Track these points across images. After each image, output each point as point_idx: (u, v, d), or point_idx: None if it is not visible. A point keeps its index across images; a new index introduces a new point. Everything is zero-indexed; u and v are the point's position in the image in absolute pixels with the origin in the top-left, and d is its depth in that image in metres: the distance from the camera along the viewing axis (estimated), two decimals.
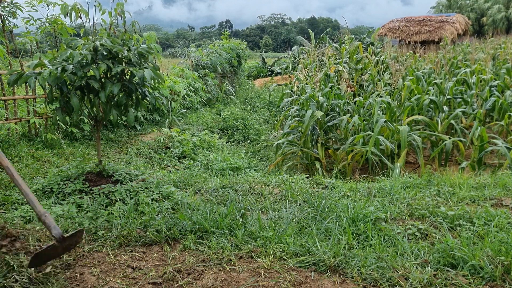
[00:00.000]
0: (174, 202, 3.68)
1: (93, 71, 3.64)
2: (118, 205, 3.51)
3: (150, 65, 4.16)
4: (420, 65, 11.76)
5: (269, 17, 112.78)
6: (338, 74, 10.37)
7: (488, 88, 8.25)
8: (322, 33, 23.12)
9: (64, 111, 3.90)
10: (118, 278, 2.49)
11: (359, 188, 4.17)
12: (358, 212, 3.25)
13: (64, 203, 3.60)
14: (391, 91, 8.48)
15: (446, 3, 48.22)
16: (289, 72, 17.97)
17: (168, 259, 2.71)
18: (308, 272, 2.55)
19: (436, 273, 2.46)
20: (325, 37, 17.37)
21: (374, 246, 2.79)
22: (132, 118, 4.10)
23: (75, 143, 6.66)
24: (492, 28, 39.47)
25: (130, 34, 4.27)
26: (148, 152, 7.20)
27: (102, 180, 4.08)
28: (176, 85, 10.44)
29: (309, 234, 2.99)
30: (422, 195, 3.85)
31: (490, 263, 2.47)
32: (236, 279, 2.48)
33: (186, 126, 9.50)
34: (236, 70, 17.72)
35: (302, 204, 3.62)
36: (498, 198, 3.78)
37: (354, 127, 6.98)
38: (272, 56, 41.32)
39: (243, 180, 4.55)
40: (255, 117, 12.12)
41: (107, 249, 2.84)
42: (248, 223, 3.16)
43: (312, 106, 7.17)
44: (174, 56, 33.00)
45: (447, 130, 7.78)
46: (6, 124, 5.93)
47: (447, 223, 3.18)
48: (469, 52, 13.20)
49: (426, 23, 23.07)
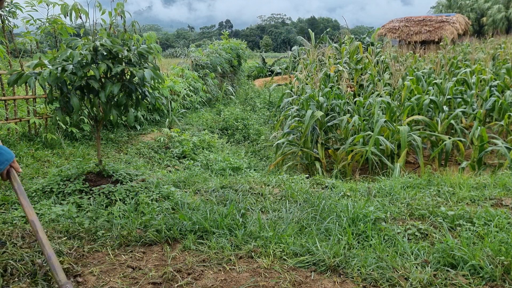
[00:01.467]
0: (174, 202, 3.68)
1: (93, 71, 3.64)
2: (118, 205, 3.51)
3: (150, 65, 4.17)
4: (420, 65, 11.76)
5: (269, 17, 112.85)
6: (338, 74, 10.37)
7: (488, 88, 8.25)
8: (322, 33, 23.12)
9: (64, 111, 3.90)
10: (118, 278, 2.49)
11: (359, 188, 4.17)
12: (358, 212, 3.25)
13: (64, 203, 3.60)
14: (391, 91, 8.48)
15: (446, 3, 48.24)
16: (289, 72, 17.96)
17: (168, 259, 2.71)
18: (308, 272, 2.55)
19: (436, 273, 2.46)
20: (325, 37, 17.37)
21: (374, 246, 2.79)
22: (132, 118, 4.11)
23: (75, 143, 6.66)
24: (492, 28, 39.47)
25: (130, 34, 4.27)
26: (148, 152, 7.20)
27: (102, 180, 4.08)
28: (176, 85, 10.44)
29: (309, 234, 2.99)
30: (422, 195, 3.85)
31: (490, 263, 2.47)
32: (236, 279, 2.48)
33: (186, 126, 9.50)
34: (236, 70, 17.72)
35: (302, 204, 3.62)
36: (498, 198, 3.78)
37: (354, 127, 6.99)
38: (272, 56, 41.32)
39: (243, 180, 4.55)
40: (255, 117, 12.11)
41: (107, 249, 2.84)
42: (248, 223, 3.16)
43: (312, 106, 7.17)
44: (174, 56, 33.01)
45: (447, 130, 7.78)
46: (6, 124, 5.93)
47: (447, 223, 3.18)
48: (469, 52, 13.20)
49: (426, 23, 23.08)
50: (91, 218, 3.26)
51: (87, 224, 3.13)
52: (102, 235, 3.00)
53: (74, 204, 3.56)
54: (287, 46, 33.45)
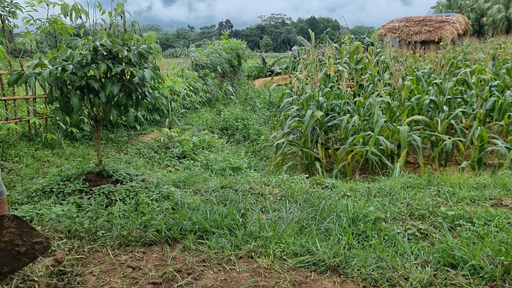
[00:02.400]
0: (174, 202, 3.68)
1: (93, 71, 3.64)
2: (118, 205, 3.51)
3: (150, 65, 4.16)
4: (420, 65, 11.75)
5: (269, 17, 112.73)
6: (338, 74, 10.36)
7: (488, 88, 8.25)
8: (322, 33, 23.12)
9: (64, 111, 3.90)
10: (118, 278, 2.49)
11: (359, 188, 4.17)
12: (358, 212, 3.25)
13: (64, 203, 3.60)
14: (391, 91, 8.48)
15: (446, 3, 48.23)
16: (289, 72, 17.96)
17: (168, 259, 2.71)
18: (308, 272, 2.55)
19: (436, 273, 2.46)
20: (325, 37, 17.37)
21: (374, 246, 2.79)
22: (132, 118, 4.11)
23: (75, 143, 6.66)
24: (492, 28, 39.46)
25: (130, 34, 4.27)
26: (148, 152, 7.20)
27: (102, 180, 4.08)
28: (176, 85, 10.44)
29: (309, 234, 2.99)
30: (422, 195, 3.85)
31: (490, 263, 2.47)
32: (236, 279, 2.48)
33: (186, 126, 9.50)
34: (236, 70, 17.71)
35: (302, 204, 3.62)
36: (498, 198, 3.78)
37: (354, 127, 6.98)
38: (272, 56, 41.29)
39: (243, 180, 4.55)
40: (255, 117, 12.11)
41: (107, 249, 2.84)
42: (248, 223, 3.16)
43: (312, 106, 7.17)
44: (174, 56, 33.00)
45: (447, 130, 7.77)
46: (6, 124, 5.92)
47: (447, 223, 3.18)
48: (469, 52, 13.19)
49: (426, 23, 23.07)
50: (91, 218, 3.26)
51: (87, 224, 3.13)
52: (102, 235, 3.00)
53: (74, 204, 3.56)
54: (287, 46, 33.45)
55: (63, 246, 2.82)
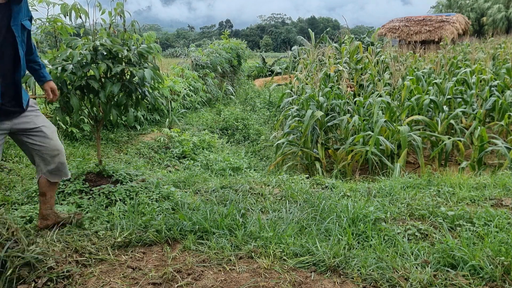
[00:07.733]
0: (174, 202, 3.68)
1: (93, 71, 3.64)
2: (118, 205, 3.51)
3: (150, 65, 4.16)
4: (420, 65, 11.75)
5: (269, 17, 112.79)
6: (338, 74, 10.35)
7: (488, 88, 8.25)
8: (322, 32, 23.13)
9: (64, 111, 3.90)
10: (118, 278, 2.49)
11: (359, 188, 4.17)
12: (358, 212, 3.25)
13: (64, 203, 3.60)
14: (391, 91, 8.48)
15: (446, 3, 48.22)
16: (289, 72, 17.95)
17: (168, 259, 2.71)
18: (308, 272, 2.55)
19: (436, 274, 2.46)
20: (325, 37, 17.37)
21: (374, 247, 2.79)
22: (132, 118, 4.11)
23: (75, 143, 6.66)
24: (492, 28, 39.46)
25: (130, 34, 4.27)
26: (148, 152, 7.20)
27: (102, 180, 4.08)
28: (176, 85, 10.44)
29: (309, 234, 2.99)
30: (422, 195, 3.85)
31: (490, 264, 2.47)
32: (236, 279, 2.48)
33: (186, 126, 9.50)
34: (236, 70, 17.72)
35: (302, 204, 3.62)
36: (498, 198, 3.78)
37: (354, 127, 6.98)
38: (272, 56, 41.25)
39: (243, 180, 4.55)
40: (255, 117, 12.11)
41: (107, 249, 2.84)
42: (248, 223, 3.16)
43: (312, 106, 7.17)
44: (174, 56, 32.95)
45: (447, 130, 7.77)
46: None
47: (447, 223, 3.18)
48: (469, 52, 13.19)
49: (426, 23, 23.06)
50: (91, 218, 3.26)
51: (87, 225, 3.13)
52: (102, 235, 3.00)
53: (74, 204, 3.56)
54: (287, 46, 33.40)
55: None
